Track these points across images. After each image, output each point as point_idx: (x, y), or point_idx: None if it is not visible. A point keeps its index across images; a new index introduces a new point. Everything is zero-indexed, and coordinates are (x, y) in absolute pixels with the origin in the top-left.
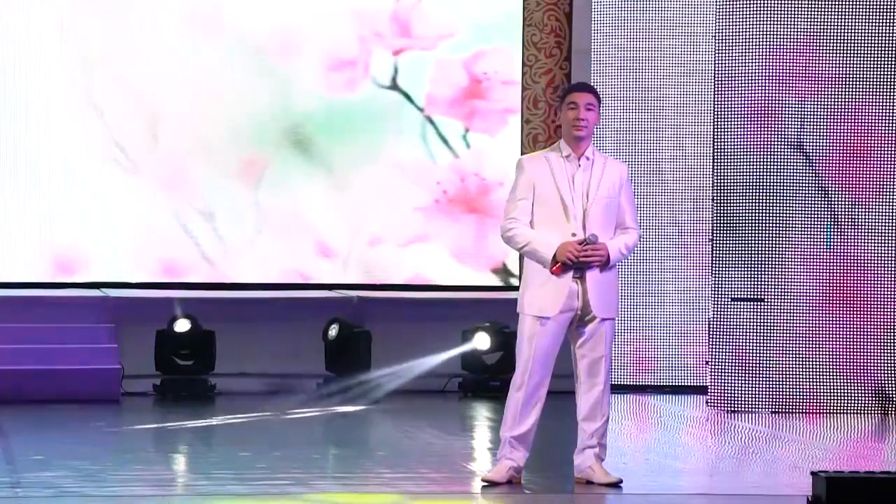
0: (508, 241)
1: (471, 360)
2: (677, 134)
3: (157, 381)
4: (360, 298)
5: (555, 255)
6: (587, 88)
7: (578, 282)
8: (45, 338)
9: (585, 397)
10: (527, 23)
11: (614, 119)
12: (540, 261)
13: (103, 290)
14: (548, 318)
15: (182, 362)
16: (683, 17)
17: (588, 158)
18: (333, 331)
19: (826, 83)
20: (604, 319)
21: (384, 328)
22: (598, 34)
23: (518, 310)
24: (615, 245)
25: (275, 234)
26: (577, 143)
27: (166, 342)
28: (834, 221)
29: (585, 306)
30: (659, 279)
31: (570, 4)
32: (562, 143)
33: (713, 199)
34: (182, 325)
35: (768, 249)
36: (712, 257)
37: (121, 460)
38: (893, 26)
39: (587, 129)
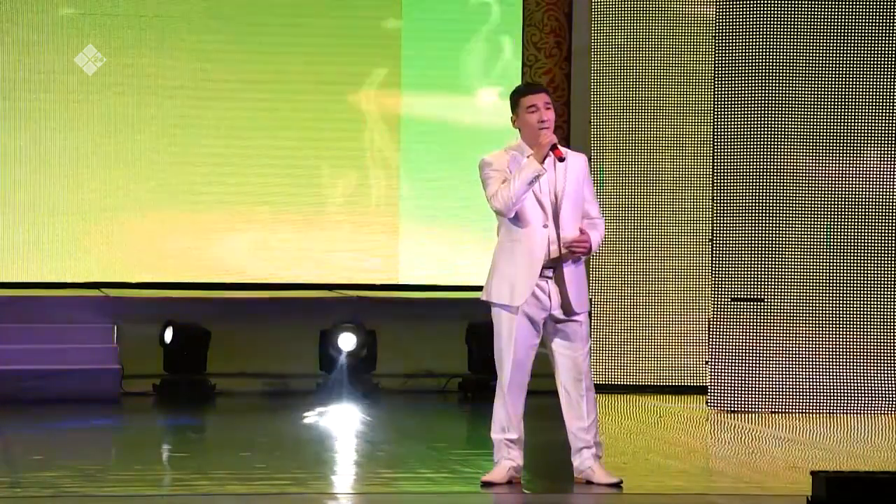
0: (504, 200)
1: (472, 360)
2: (677, 134)
3: (157, 381)
4: (360, 298)
5: (538, 152)
6: (541, 89)
7: (550, 281)
8: (45, 338)
9: (571, 398)
10: (527, 23)
11: (614, 119)
12: (534, 171)
13: (103, 290)
14: (518, 308)
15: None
16: (683, 17)
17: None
18: (344, 340)
19: (826, 82)
20: (580, 314)
21: (384, 328)
22: (598, 34)
23: (485, 298)
24: (596, 238)
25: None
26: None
27: (166, 342)
28: (833, 222)
29: (565, 304)
30: (658, 279)
31: (570, 4)
32: (522, 144)
33: (713, 199)
34: (168, 334)
35: (768, 249)
36: (712, 257)
37: (121, 460)
38: (894, 25)
39: (551, 129)
